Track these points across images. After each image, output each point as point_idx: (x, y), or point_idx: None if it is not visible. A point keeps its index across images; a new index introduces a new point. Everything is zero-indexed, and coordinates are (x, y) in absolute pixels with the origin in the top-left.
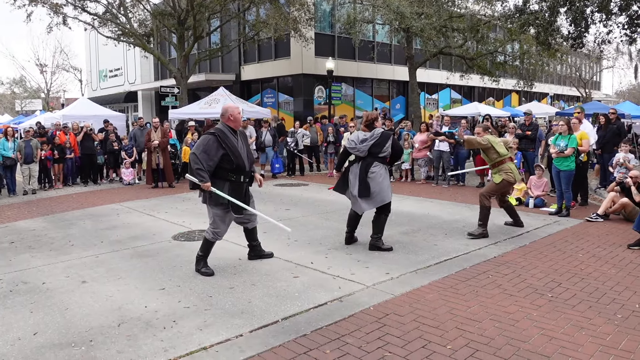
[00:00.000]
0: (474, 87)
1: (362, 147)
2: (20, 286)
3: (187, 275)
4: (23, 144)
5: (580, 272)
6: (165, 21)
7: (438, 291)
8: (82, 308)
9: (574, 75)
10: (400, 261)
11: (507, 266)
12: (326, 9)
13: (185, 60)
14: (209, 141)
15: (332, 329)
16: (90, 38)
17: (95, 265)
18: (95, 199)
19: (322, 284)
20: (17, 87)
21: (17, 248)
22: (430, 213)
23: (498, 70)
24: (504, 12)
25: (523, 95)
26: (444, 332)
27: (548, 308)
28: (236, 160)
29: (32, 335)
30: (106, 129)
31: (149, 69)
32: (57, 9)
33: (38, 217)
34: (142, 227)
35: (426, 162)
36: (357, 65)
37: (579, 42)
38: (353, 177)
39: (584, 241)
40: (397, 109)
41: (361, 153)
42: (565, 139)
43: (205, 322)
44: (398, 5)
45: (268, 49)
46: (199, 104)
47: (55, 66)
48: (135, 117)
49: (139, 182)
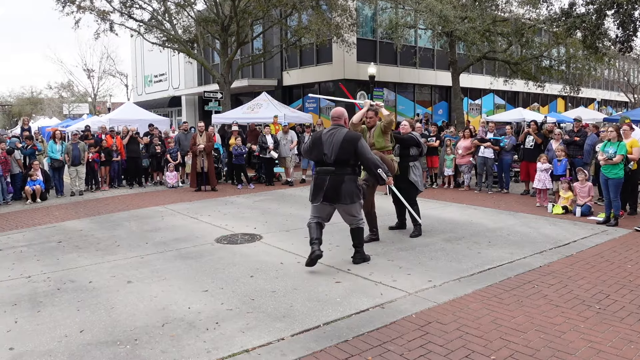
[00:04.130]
0: (518, 92)
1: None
2: (68, 284)
3: (229, 278)
4: (71, 146)
5: (629, 284)
6: (209, 27)
7: (482, 300)
8: (128, 307)
9: (622, 80)
10: (443, 269)
11: (553, 276)
12: (368, 14)
13: (228, 66)
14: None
15: (374, 336)
16: (136, 44)
17: (140, 265)
18: (140, 201)
19: (364, 290)
20: (65, 91)
21: (65, 247)
22: (474, 220)
23: (543, 75)
24: (550, 16)
25: (569, 100)
26: (488, 342)
27: (596, 320)
28: None
29: (79, 332)
30: (151, 133)
31: (192, 74)
32: (105, 16)
33: (85, 217)
34: (186, 230)
35: (469, 169)
36: (399, 71)
37: (627, 45)
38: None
39: (632, 252)
40: (439, 114)
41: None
42: (615, 146)
43: (248, 325)
44: (441, 9)
45: (310, 55)
46: (242, 109)
47: (102, 71)
48: (179, 122)
49: (182, 185)
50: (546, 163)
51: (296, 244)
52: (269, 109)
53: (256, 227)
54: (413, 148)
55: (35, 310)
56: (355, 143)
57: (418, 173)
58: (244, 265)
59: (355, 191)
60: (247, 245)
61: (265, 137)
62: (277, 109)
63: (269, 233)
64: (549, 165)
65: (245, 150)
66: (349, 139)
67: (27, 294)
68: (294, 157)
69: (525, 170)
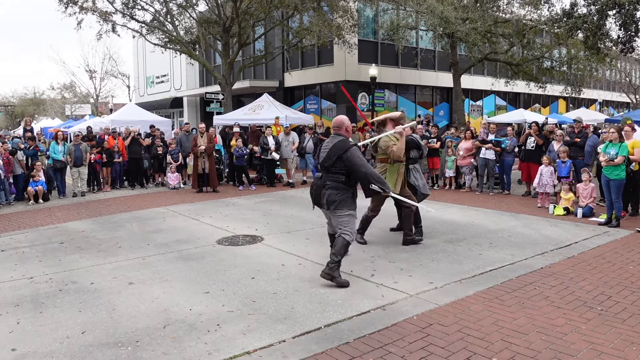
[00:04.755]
0: (520, 94)
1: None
2: (70, 286)
3: (231, 280)
4: (73, 147)
5: (631, 285)
6: (211, 29)
7: (483, 302)
8: (129, 309)
9: (624, 80)
10: (445, 270)
11: (554, 277)
12: (369, 16)
13: (230, 67)
14: (360, 154)
15: (375, 338)
16: (138, 45)
17: (142, 267)
18: (142, 202)
19: (365, 292)
20: (67, 92)
21: (67, 248)
22: (475, 222)
23: (545, 76)
24: (551, 16)
25: (570, 101)
26: (489, 344)
27: (597, 322)
28: None
29: (81, 333)
30: (152, 134)
31: (194, 75)
32: (107, 17)
33: (87, 218)
34: (187, 231)
35: (470, 170)
36: (400, 72)
37: (629, 46)
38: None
39: (634, 253)
40: (440, 115)
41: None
42: (616, 147)
43: (249, 327)
44: (442, 11)
45: (311, 56)
46: (243, 110)
47: (104, 72)
48: (181, 123)
49: (184, 187)
50: (550, 166)
51: (297, 246)
52: (271, 110)
53: (257, 229)
54: (413, 150)
55: (38, 311)
56: (340, 152)
57: (419, 176)
58: (245, 267)
59: (339, 200)
60: (249, 246)
61: (267, 139)
62: (278, 110)
63: (270, 234)
64: (552, 168)
65: (246, 152)
66: (336, 147)
67: (29, 295)
68: (295, 159)
69: (526, 172)
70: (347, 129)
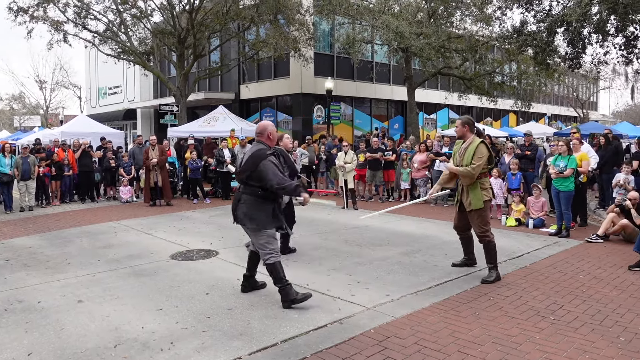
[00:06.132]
0: (472, 107)
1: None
2: (15, 305)
3: (184, 296)
4: (20, 160)
5: (582, 294)
6: (166, 40)
7: (439, 313)
8: (78, 328)
9: (572, 95)
10: (401, 282)
11: (508, 288)
12: (325, 29)
13: (184, 79)
14: (273, 163)
15: (333, 352)
16: (90, 55)
17: (92, 284)
18: (93, 217)
19: (322, 306)
20: (16, 103)
21: (13, 266)
22: (430, 233)
23: (496, 90)
24: (502, 33)
25: (520, 115)
26: (446, 356)
27: (550, 331)
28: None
29: (27, 355)
30: (104, 147)
31: (148, 87)
32: (58, 26)
33: (34, 234)
34: (140, 246)
35: (425, 182)
36: (355, 85)
37: (576, 62)
38: None
39: (584, 262)
40: (395, 128)
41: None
42: (565, 160)
43: (203, 344)
44: (397, 26)
45: (267, 68)
46: (198, 122)
47: (54, 83)
48: (134, 135)
49: (137, 200)
50: (499, 178)
51: None
52: (226, 123)
53: (212, 243)
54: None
55: None
56: (258, 161)
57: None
58: (199, 282)
59: (256, 216)
60: (203, 261)
61: (223, 151)
62: (234, 123)
63: (225, 248)
64: (501, 180)
65: (201, 164)
66: (253, 157)
67: None
68: None
69: None
70: (269, 136)
